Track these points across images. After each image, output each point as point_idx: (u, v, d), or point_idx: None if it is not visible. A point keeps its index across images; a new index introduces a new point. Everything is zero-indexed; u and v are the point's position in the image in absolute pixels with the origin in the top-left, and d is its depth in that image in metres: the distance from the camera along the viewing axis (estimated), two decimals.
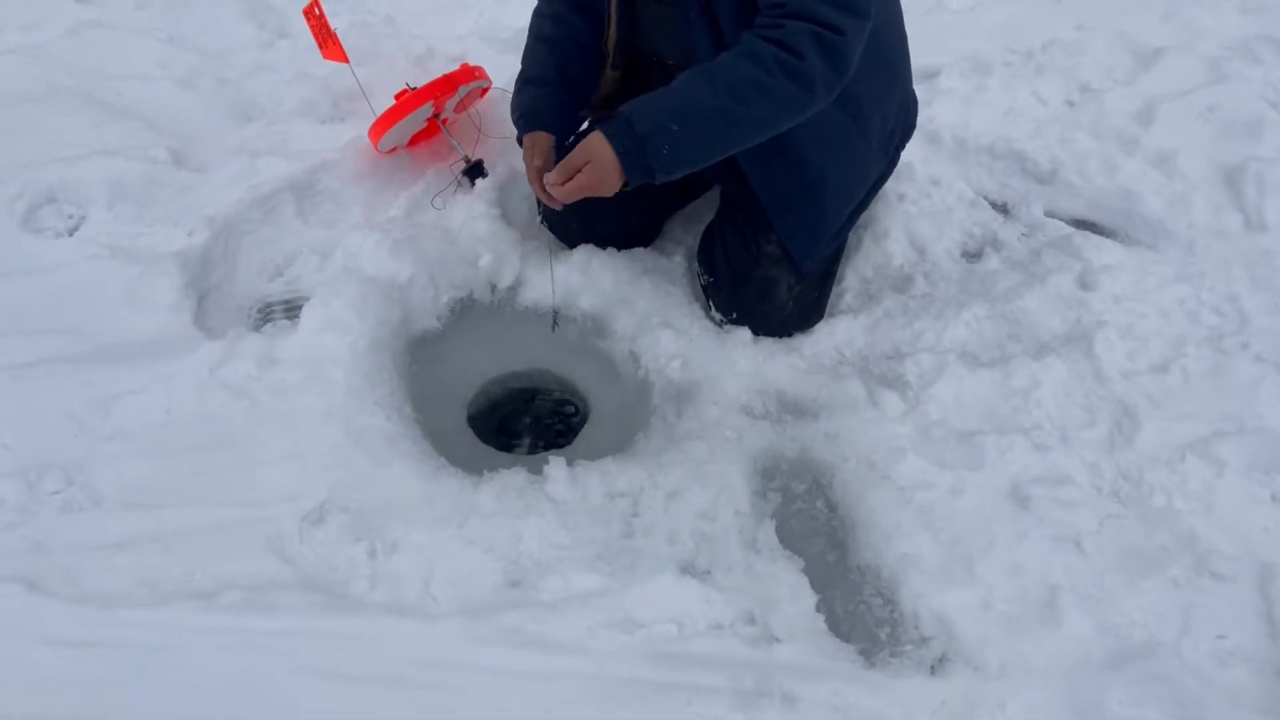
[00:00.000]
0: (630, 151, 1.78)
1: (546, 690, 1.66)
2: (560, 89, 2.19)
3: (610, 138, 1.79)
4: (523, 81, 2.23)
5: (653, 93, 1.84)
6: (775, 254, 2.23)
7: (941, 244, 2.52)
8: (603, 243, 2.41)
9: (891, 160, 2.32)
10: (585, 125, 2.32)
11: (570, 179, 1.85)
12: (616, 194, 1.87)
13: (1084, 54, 3.12)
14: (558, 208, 1.98)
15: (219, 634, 1.70)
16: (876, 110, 2.16)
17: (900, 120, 2.30)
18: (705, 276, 2.36)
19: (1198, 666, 1.72)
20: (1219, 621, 1.78)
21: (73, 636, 1.69)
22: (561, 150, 2.09)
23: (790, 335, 2.31)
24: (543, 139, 2.11)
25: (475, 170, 2.58)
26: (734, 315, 2.29)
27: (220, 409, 2.04)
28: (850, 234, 2.46)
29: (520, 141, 2.16)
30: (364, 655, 1.69)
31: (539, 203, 2.28)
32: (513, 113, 2.21)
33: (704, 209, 2.52)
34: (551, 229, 2.45)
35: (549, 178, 1.89)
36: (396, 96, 2.62)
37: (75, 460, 1.94)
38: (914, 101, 2.38)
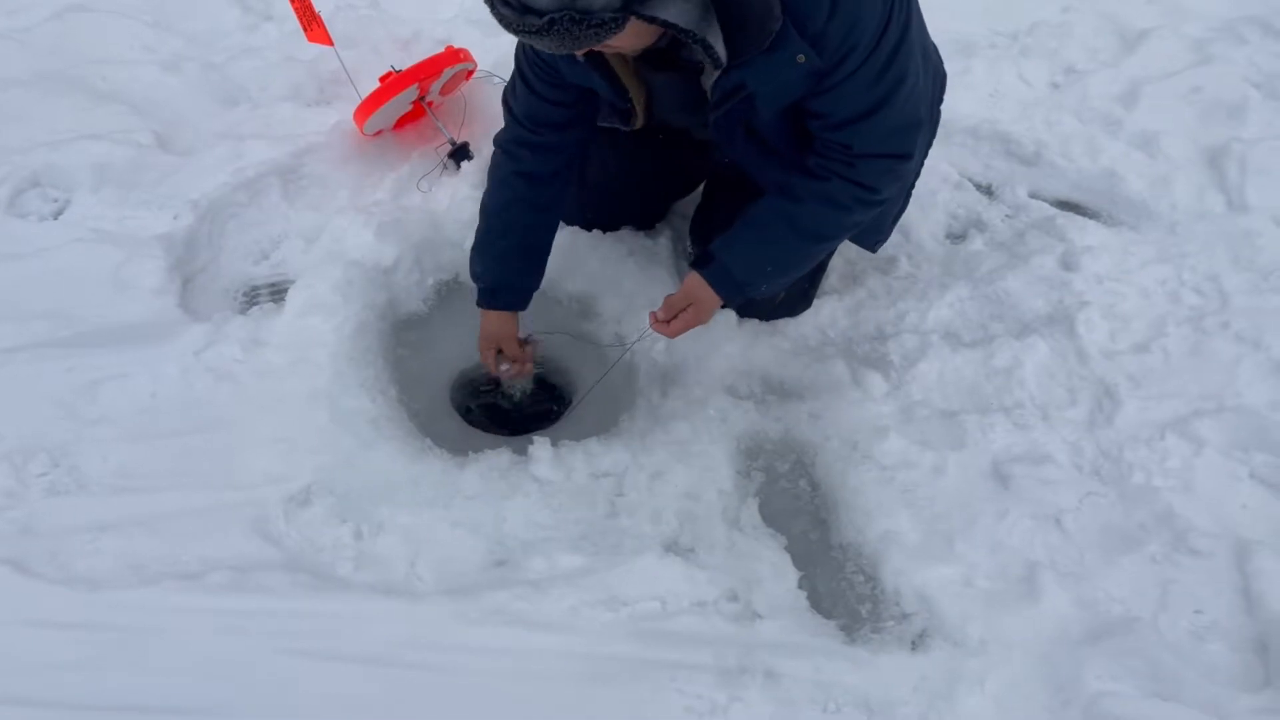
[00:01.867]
0: (731, 294, 1.96)
1: (531, 668, 1.67)
2: (526, 259, 2.17)
3: (713, 284, 1.94)
4: (486, 242, 2.15)
5: (742, 232, 1.93)
6: None
7: (926, 225, 2.54)
8: (608, 225, 2.45)
9: (935, 120, 2.22)
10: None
11: (675, 318, 1.97)
12: (612, 185, 2.10)
13: (1069, 36, 3.13)
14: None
15: (205, 615, 1.70)
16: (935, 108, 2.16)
17: (936, 87, 2.16)
18: (697, 249, 2.34)
19: (1175, 641, 1.75)
20: (1196, 597, 1.80)
21: (60, 618, 1.69)
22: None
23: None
24: (509, 325, 2.19)
25: (460, 153, 2.58)
26: None
27: (206, 392, 2.04)
28: None
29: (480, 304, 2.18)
30: (350, 635, 1.70)
31: None
32: (473, 267, 2.18)
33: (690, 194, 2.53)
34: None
35: (657, 314, 1.99)
36: (381, 79, 2.62)
37: (61, 444, 1.95)
38: (939, 60, 2.23)
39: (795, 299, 2.32)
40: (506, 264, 2.14)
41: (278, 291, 2.36)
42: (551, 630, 1.70)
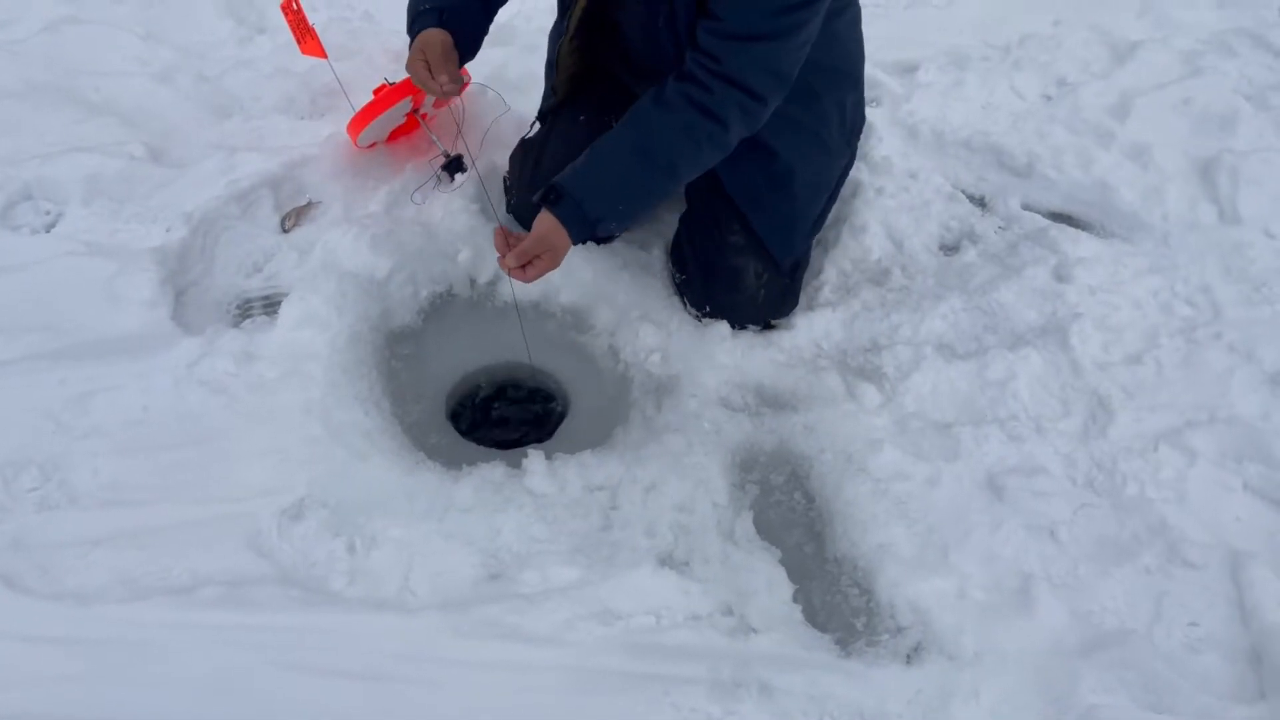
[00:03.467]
0: (584, 231, 1.94)
1: (525, 682, 1.67)
2: None
3: (565, 223, 1.92)
4: None
5: (591, 162, 1.95)
6: (739, 243, 2.26)
7: (919, 237, 2.54)
8: None
9: (853, 152, 2.42)
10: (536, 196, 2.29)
11: (528, 263, 1.92)
12: None
13: (1061, 48, 3.14)
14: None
15: (197, 630, 1.70)
16: (835, 105, 2.24)
17: (858, 117, 2.38)
18: (679, 275, 2.38)
19: (1169, 653, 1.75)
20: (1190, 609, 1.81)
21: (50, 633, 1.68)
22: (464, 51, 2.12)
23: (767, 325, 2.33)
24: (437, 37, 2.06)
25: (454, 165, 2.58)
26: (707, 309, 2.31)
27: (198, 405, 2.03)
28: (829, 228, 2.48)
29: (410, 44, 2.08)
30: (343, 650, 1.69)
31: (508, 195, 2.30)
32: (420, 3, 2.10)
33: (681, 203, 2.53)
34: (518, 220, 2.47)
35: (508, 261, 1.92)
36: (375, 92, 2.62)
37: (52, 457, 1.94)
38: (863, 99, 2.43)
39: (778, 297, 2.33)
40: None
41: (271, 304, 2.36)
42: (545, 644, 1.70)
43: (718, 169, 2.13)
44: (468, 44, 2.15)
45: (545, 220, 1.92)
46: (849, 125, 2.32)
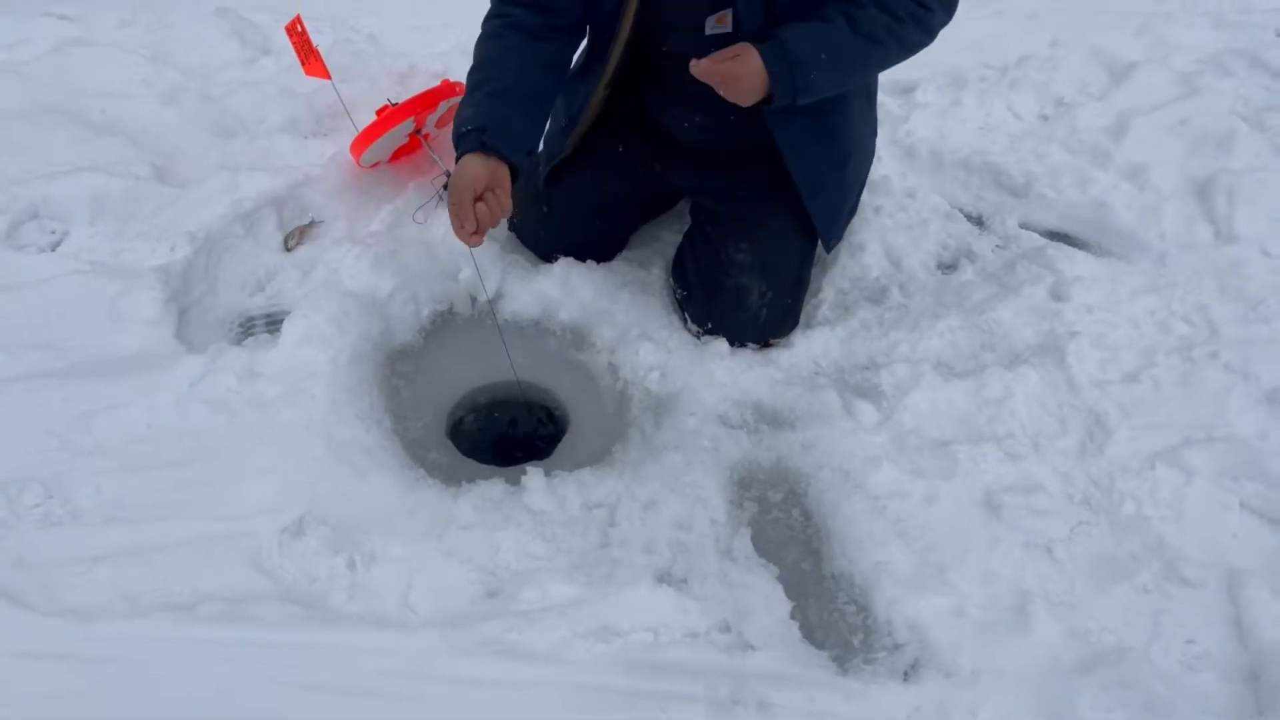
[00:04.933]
0: (781, 70, 1.89)
1: (524, 700, 1.67)
2: (524, 103, 1.97)
3: (764, 54, 1.88)
4: (482, 89, 1.95)
5: (802, 24, 1.93)
6: (744, 261, 2.27)
7: (917, 256, 2.56)
8: (569, 252, 2.45)
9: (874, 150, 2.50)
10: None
11: (717, 64, 1.88)
12: (575, 205, 2.11)
13: (1058, 69, 3.17)
14: (476, 243, 1.92)
15: (198, 646, 1.70)
16: (875, 94, 2.35)
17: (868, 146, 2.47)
18: (680, 290, 2.39)
19: (1167, 672, 1.75)
20: (1188, 627, 1.80)
21: (52, 650, 1.69)
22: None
23: (766, 343, 2.35)
24: (496, 170, 1.89)
25: None
26: (709, 325, 2.32)
27: (201, 423, 2.05)
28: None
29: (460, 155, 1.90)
30: (342, 666, 1.69)
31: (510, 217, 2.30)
32: (457, 127, 1.95)
33: (680, 222, 2.55)
34: (520, 238, 2.49)
35: (704, 63, 1.87)
36: (378, 112, 2.65)
37: (55, 475, 1.95)
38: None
39: (780, 315, 2.35)
40: (499, 103, 1.91)
41: (273, 322, 2.38)
42: (543, 661, 1.70)
43: (784, 150, 2.15)
44: (518, 157, 1.95)
45: (746, 47, 1.89)
46: (874, 124, 2.42)
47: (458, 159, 1.92)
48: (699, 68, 1.89)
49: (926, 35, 2.02)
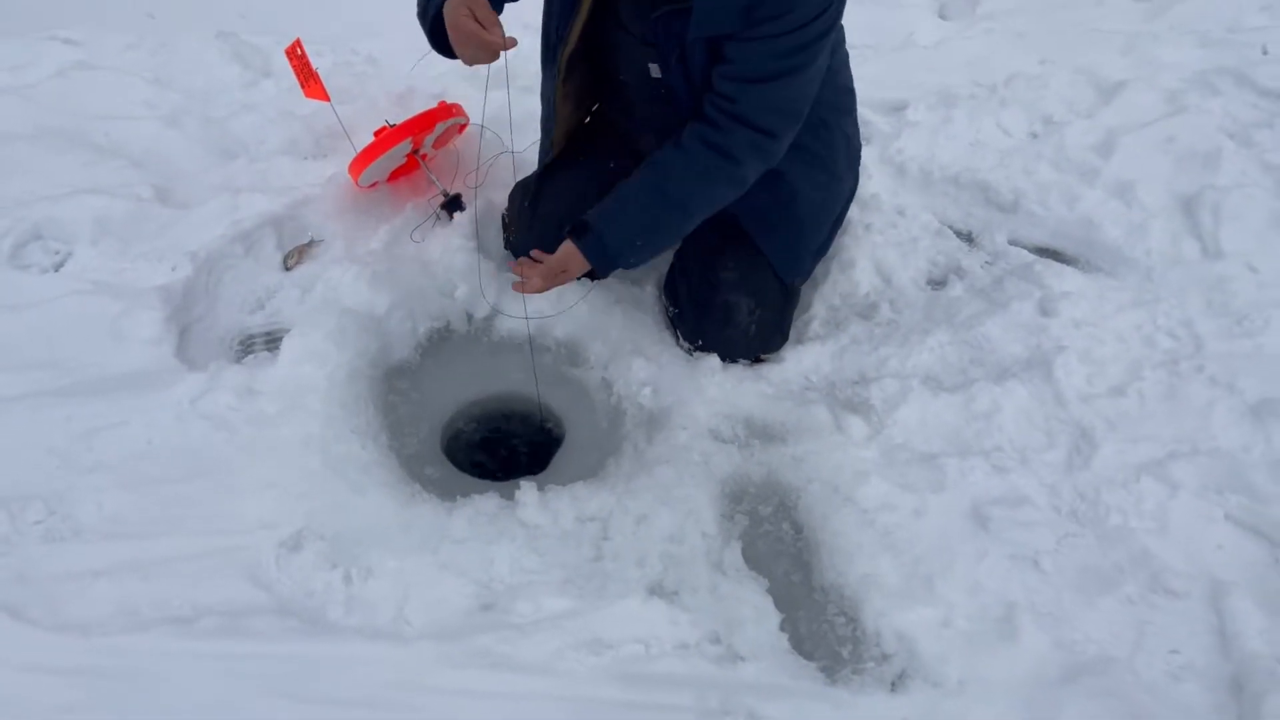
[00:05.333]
0: (603, 264, 2.13)
1: (516, 711, 1.70)
2: None
3: (586, 253, 2.11)
4: None
5: (615, 204, 2.11)
6: (732, 280, 2.32)
7: (907, 272, 2.59)
8: None
9: (856, 176, 2.50)
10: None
11: (546, 282, 2.15)
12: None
13: (1047, 87, 3.21)
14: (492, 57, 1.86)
15: (197, 659, 1.74)
16: (840, 131, 2.33)
17: (858, 142, 2.47)
18: (672, 308, 2.43)
19: (1151, 681, 1.77)
20: (1172, 637, 1.83)
21: (54, 663, 1.72)
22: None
23: (756, 358, 2.39)
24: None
25: (453, 204, 2.65)
26: (699, 342, 2.36)
27: (201, 439, 2.08)
28: (818, 264, 2.54)
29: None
30: (339, 678, 1.73)
31: (505, 233, 2.37)
32: None
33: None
34: (515, 256, 2.53)
35: (533, 283, 2.14)
36: (376, 133, 2.69)
37: (57, 492, 1.99)
38: (858, 124, 2.52)
39: (769, 331, 2.40)
40: None
41: (272, 340, 2.41)
42: (536, 673, 1.73)
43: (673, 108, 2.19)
44: None
45: (569, 249, 2.11)
46: (853, 151, 2.43)
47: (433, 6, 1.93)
48: (529, 290, 2.16)
49: (740, 188, 2.11)
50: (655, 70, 2.10)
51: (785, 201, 2.30)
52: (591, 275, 2.22)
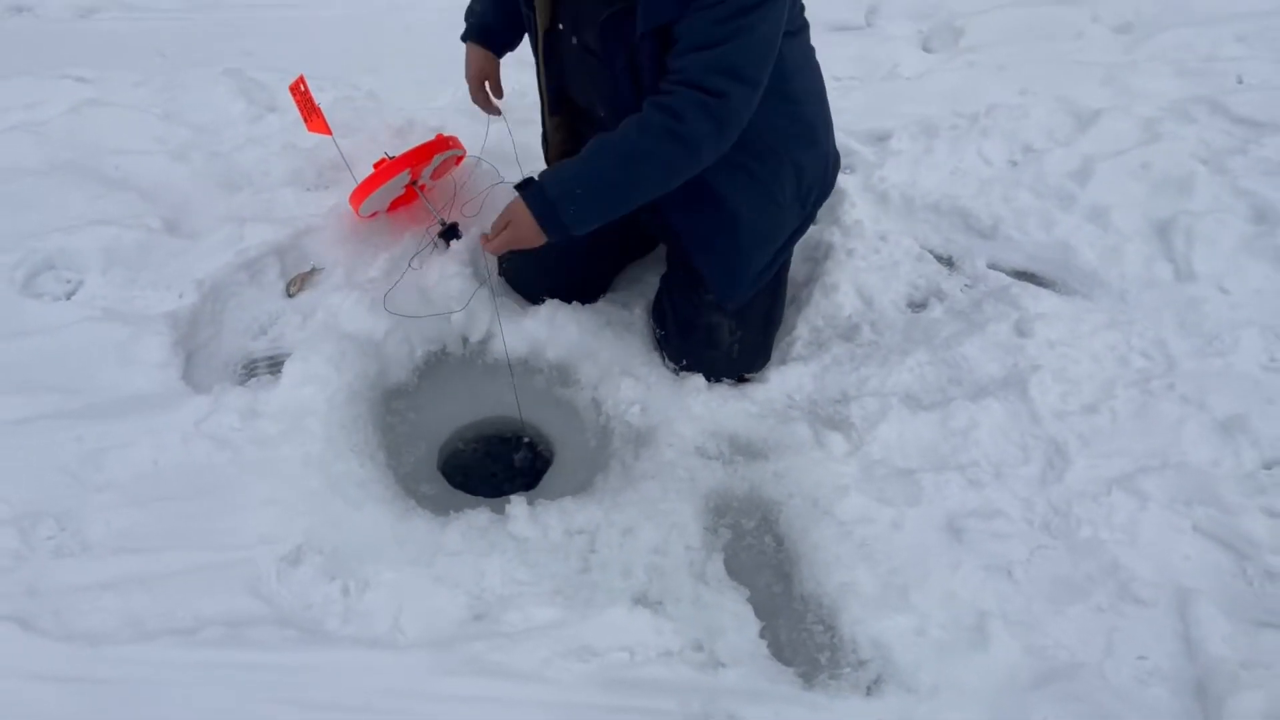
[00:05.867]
0: (545, 213, 2.10)
1: (507, 716, 1.77)
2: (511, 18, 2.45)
3: (527, 200, 2.12)
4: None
5: (566, 160, 2.15)
6: (714, 302, 2.40)
7: (888, 295, 2.67)
8: (553, 294, 2.59)
9: (808, 216, 2.48)
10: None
11: (496, 236, 2.18)
12: (561, 248, 2.19)
13: (1027, 117, 3.29)
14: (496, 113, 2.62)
15: (199, 668, 1.81)
16: (790, 163, 2.31)
17: (819, 179, 2.44)
18: (659, 330, 2.52)
19: (1119, 686, 1.83)
20: (1139, 643, 1.89)
21: (62, 673, 1.79)
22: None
23: (740, 378, 2.47)
24: (493, 64, 2.55)
25: (450, 233, 2.73)
26: (684, 363, 2.44)
27: (205, 459, 2.17)
28: (802, 287, 2.62)
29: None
30: (336, 686, 1.80)
31: (500, 260, 2.44)
32: (470, 8, 2.54)
33: (661, 264, 2.68)
34: (509, 281, 2.63)
35: (487, 234, 2.21)
36: (376, 165, 2.78)
37: (67, 509, 2.07)
38: (835, 165, 2.53)
39: (751, 352, 2.47)
40: (498, 10, 2.46)
41: (275, 364, 2.50)
42: (526, 680, 1.80)
43: (668, 213, 2.29)
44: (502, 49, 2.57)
45: (514, 201, 2.14)
46: (805, 186, 2.37)
47: (465, 36, 2.56)
48: (489, 248, 2.22)
49: (689, 152, 2.05)
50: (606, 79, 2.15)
51: (726, 224, 2.30)
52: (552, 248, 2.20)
